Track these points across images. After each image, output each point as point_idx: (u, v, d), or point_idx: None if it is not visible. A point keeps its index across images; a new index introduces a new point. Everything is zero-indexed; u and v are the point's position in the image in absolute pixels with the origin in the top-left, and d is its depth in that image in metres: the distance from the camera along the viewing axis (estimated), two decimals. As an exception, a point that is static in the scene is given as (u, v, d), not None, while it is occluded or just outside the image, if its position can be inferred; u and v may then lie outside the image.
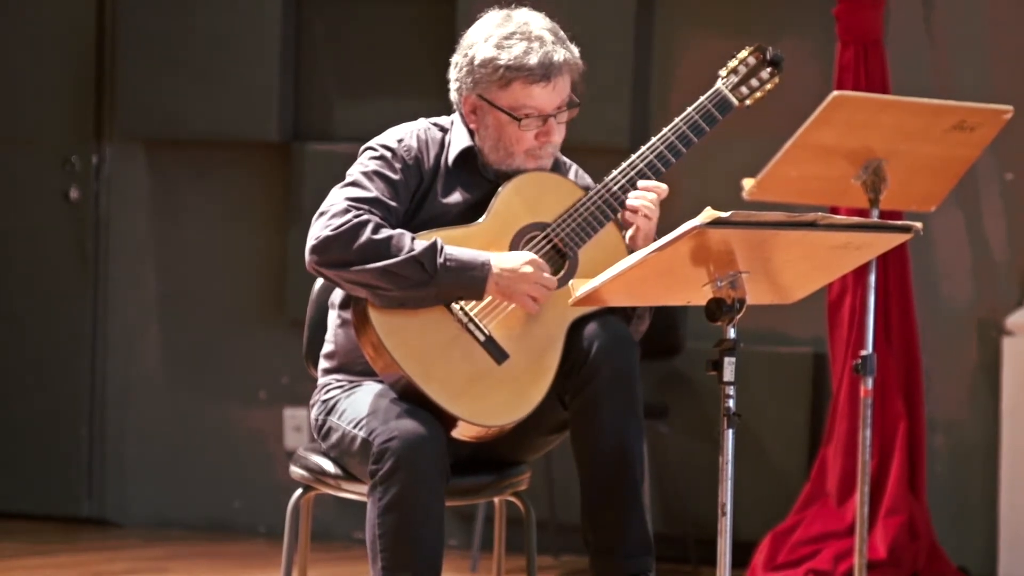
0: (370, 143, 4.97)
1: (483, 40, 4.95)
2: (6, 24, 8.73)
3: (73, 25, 8.65)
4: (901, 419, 7.37)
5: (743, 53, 5.11)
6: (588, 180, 5.12)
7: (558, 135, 4.99)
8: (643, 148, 5.00)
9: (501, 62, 4.91)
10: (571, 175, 5.12)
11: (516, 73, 4.91)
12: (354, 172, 4.93)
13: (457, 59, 4.99)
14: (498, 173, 5.00)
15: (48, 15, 8.68)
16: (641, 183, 4.94)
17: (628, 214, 4.94)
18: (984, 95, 7.20)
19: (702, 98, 5.05)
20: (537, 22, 4.98)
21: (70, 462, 8.69)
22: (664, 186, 4.95)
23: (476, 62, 4.94)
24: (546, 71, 4.92)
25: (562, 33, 4.99)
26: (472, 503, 6.39)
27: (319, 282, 5.15)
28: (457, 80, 5.00)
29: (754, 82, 5.10)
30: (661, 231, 4.77)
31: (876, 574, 7.10)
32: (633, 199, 4.93)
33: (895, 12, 7.53)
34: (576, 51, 4.99)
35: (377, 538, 4.73)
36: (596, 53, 7.69)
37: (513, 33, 4.94)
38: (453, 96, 5.04)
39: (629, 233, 4.96)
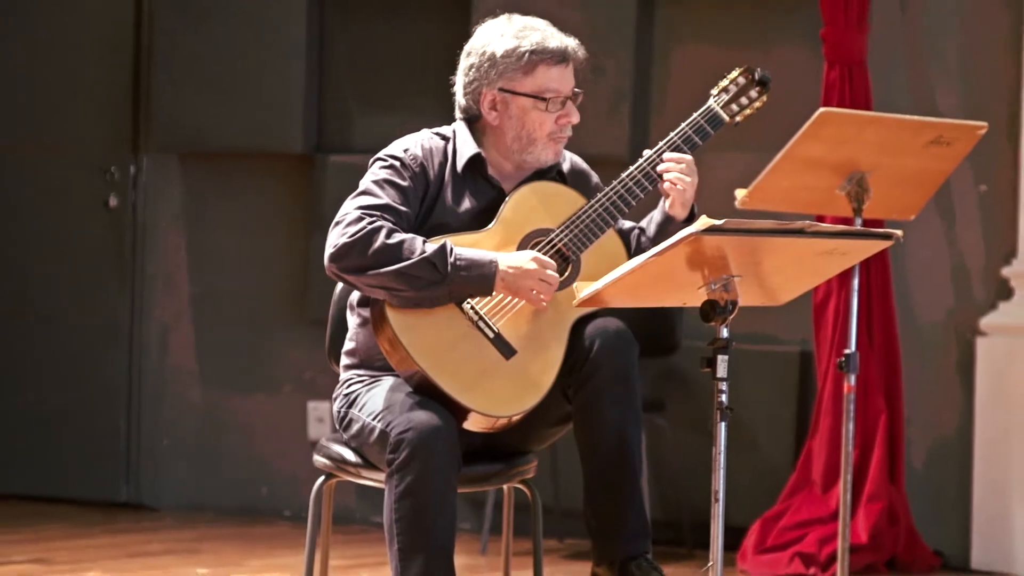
0: (378, 154, 4.97)
1: (499, 36, 4.97)
2: (51, 43, 8.73)
3: (112, 45, 8.65)
4: (882, 413, 7.37)
5: (733, 73, 5.11)
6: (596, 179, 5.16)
7: (575, 117, 5.00)
8: (641, 159, 4.99)
9: (525, 48, 4.93)
10: (593, 180, 5.14)
11: (540, 56, 4.94)
12: (365, 182, 4.92)
13: (472, 62, 4.98)
14: (503, 178, 5.00)
15: (89, 35, 8.68)
16: (667, 155, 4.96)
17: (665, 185, 4.95)
18: (960, 112, 7.22)
19: (695, 114, 5.05)
20: (536, 20, 5.02)
21: (109, 451, 8.69)
22: (688, 156, 4.97)
23: (498, 55, 4.94)
24: (563, 53, 4.96)
25: None
26: (482, 490, 6.39)
27: (340, 285, 5.14)
28: (475, 81, 4.98)
29: (743, 100, 5.10)
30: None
31: (858, 557, 7.09)
32: (665, 172, 4.94)
33: (877, 34, 7.52)
34: (582, 47, 5.04)
35: (394, 522, 4.73)
36: (598, 70, 7.75)
37: (524, 27, 4.98)
38: (462, 101, 5.03)
39: (668, 202, 4.97)
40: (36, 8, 8.75)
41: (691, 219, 4.95)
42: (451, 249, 4.79)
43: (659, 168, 4.94)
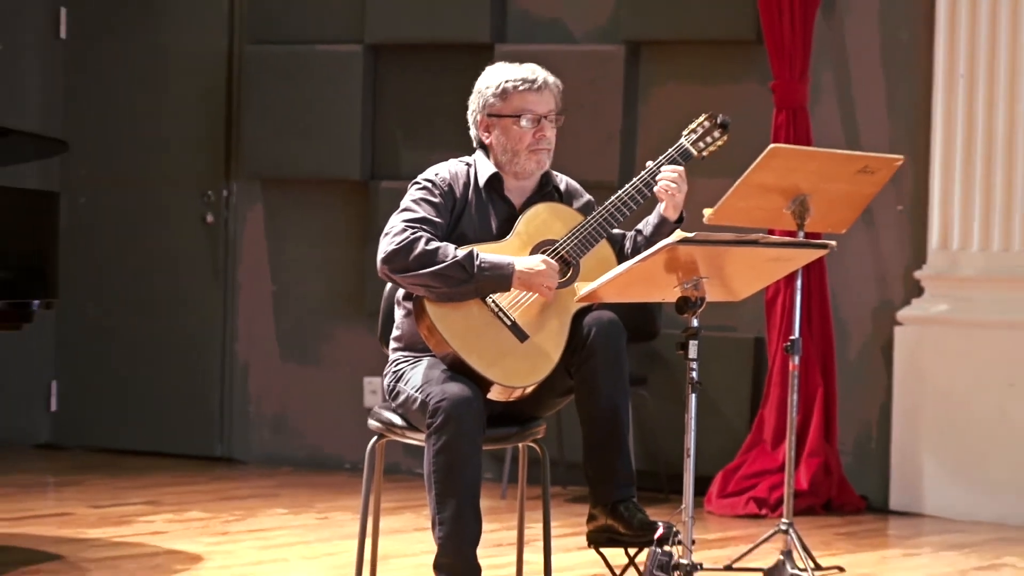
0: (416, 179, 4.99)
1: (488, 77, 5.02)
2: (160, 92, 8.73)
3: (210, 95, 8.64)
4: (819, 387, 7.35)
5: (701, 118, 5.09)
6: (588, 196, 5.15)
7: (550, 133, 4.99)
8: (627, 185, 4.97)
9: (504, 81, 4.97)
10: (585, 198, 5.12)
11: (515, 84, 4.95)
12: (406, 200, 4.93)
13: (472, 99, 5.03)
14: (511, 192, 5.01)
15: (192, 88, 8.68)
16: (664, 168, 4.95)
17: (659, 192, 4.94)
18: (883, 147, 7.20)
19: (670, 149, 5.04)
20: (525, 65, 5.04)
21: (206, 416, 8.69)
22: (680, 168, 4.96)
23: (488, 90, 4.98)
24: (534, 81, 4.96)
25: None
26: (502, 447, 6.37)
27: (389, 285, 5.13)
28: (474, 112, 5.03)
29: (708, 139, 5.08)
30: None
31: (800, 501, 7.08)
32: (660, 181, 4.93)
33: (816, 85, 7.50)
34: (559, 82, 5.03)
35: (432, 473, 4.71)
36: (593, 109, 7.74)
37: (508, 67, 5.02)
38: (472, 132, 5.05)
39: (662, 206, 4.96)
40: (153, 67, 8.74)
41: (679, 221, 4.97)
42: (477, 254, 4.79)
43: (658, 177, 4.94)
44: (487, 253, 4.83)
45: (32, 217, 6.02)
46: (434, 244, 4.80)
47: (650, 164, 5.00)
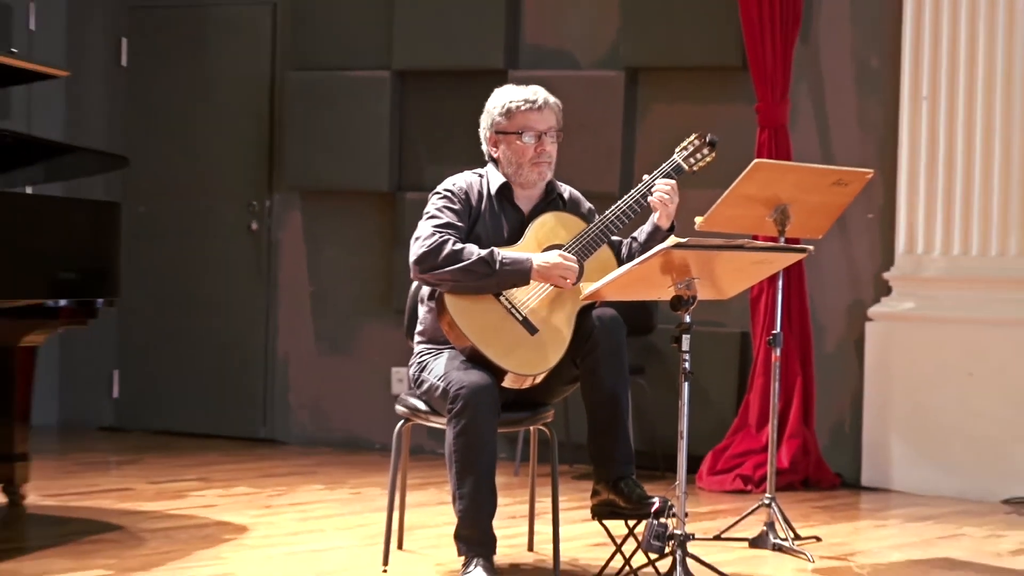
0: (436, 189, 5.02)
1: (495, 98, 5.04)
2: (210, 113, 8.73)
3: (254, 115, 8.65)
4: (798, 376, 7.33)
5: (692, 136, 5.10)
6: (589, 204, 5.16)
7: (550, 147, 5.00)
8: (626, 196, 4.98)
9: (509, 102, 4.99)
10: (585, 205, 5.14)
11: (516, 104, 4.98)
12: (430, 208, 4.96)
13: (482, 119, 5.05)
14: (519, 200, 5.02)
15: (238, 108, 8.68)
16: (659, 182, 4.94)
17: (654, 202, 4.93)
18: (854, 161, 7.17)
19: (664, 164, 5.04)
20: (528, 86, 5.04)
21: (251, 401, 8.68)
22: (672, 182, 4.95)
23: (495, 110, 5.01)
24: (535, 101, 4.98)
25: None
26: (515, 430, 6.36)
27: (414, 285, 5.13)
28: (484, 130, 5.05)
29: (698, 155, 5.08)
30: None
31: (781, 478, 7.05)
32: (655, 192, 4.93)
33: (795, 107, 7.48)
34: (559, 102, 5.04)
35: (452, 453, 4.71)
36: (596, 128, 7.71)
37: (513, 89, 5.03)
38: (484, 147, 5.06)
39: (656, 215, 4.96)
40: (204, 91, 8.74)
41: (671, 229, 4.95)
42: (497, 252, 4.83)
43: (653, 188, 4.92)
44: (506, 251, 4.85)
45: (97, 225, 6.01)
46: (459, 245, 4.83)
47: (646, 177, 5.00)
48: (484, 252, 4.80)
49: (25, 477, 6.12)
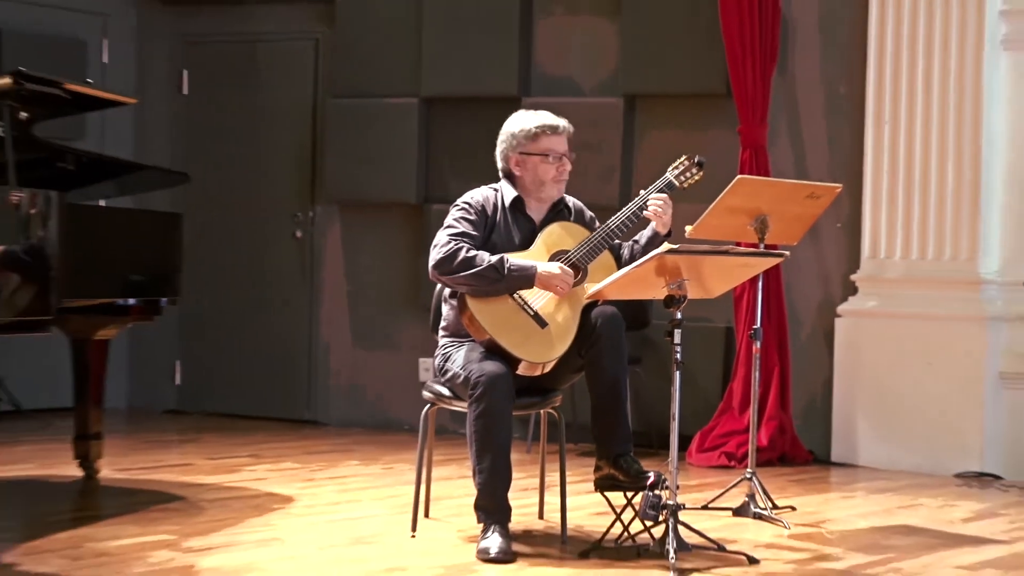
0: (456, 202, 5.01)
1: (516, 121, 5.02)
2: (260, 135, 8.74)
3: (299, 137, 8.66)
4: (776, 365, 7.33)
5: (682, 157, 5.11)
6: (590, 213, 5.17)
7: (567, 166, 5.01)
8: (624, 208, 4.98)
9: (534, 126, 4.98)
10: (587, 215, 5.14)
11: (542, 128, 4.97)
12: (449, 219, 4.96)
13: (502, 139, 5.03)
14: (531, 211, 5.01)
15: (284, 130, 8.68)
16: (653, 196, 4.95)
17: (649, 214, 4.94)
18: (825, 176, 7.17)
19: (658, 181, 5.04)
20: (541, 111, 5.04)
21: (296, 387, 8.68)
22: (665, 196, 4.96)
23: (518, 133, 4.99)
24: (556, 127, 4.99)
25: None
26: (527, 413, 6.37)
27: (438, 285, 5.13)
28: (505, 150, 5.03)
29: (688, 174, 5.09)
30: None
31: (761, 455, 7.06)
32: (650, 206, 4.94)
33: (773, 129, 7.48)
34: (571, 127, 5.05)
35: (472, 433, 4.72)
36: (598, 148, 7.71)
37: (532, 114, 5.03)
38: (500, 165, 5.05)
39: (653, 225, 4.97)
40: (255, 115, 8.74)
41: (668, 235, 4.97)
42: (507, 259, 4.82)
43: (648, 202, 4.94)
44: (515, 258, 4.84)
45: (161, 233, 6.03)
46: (473, 252, 4.81)
47: (642, 192, 5.00)
48: (495, 259, 4.78)
49: (99, 453, 6.15)
